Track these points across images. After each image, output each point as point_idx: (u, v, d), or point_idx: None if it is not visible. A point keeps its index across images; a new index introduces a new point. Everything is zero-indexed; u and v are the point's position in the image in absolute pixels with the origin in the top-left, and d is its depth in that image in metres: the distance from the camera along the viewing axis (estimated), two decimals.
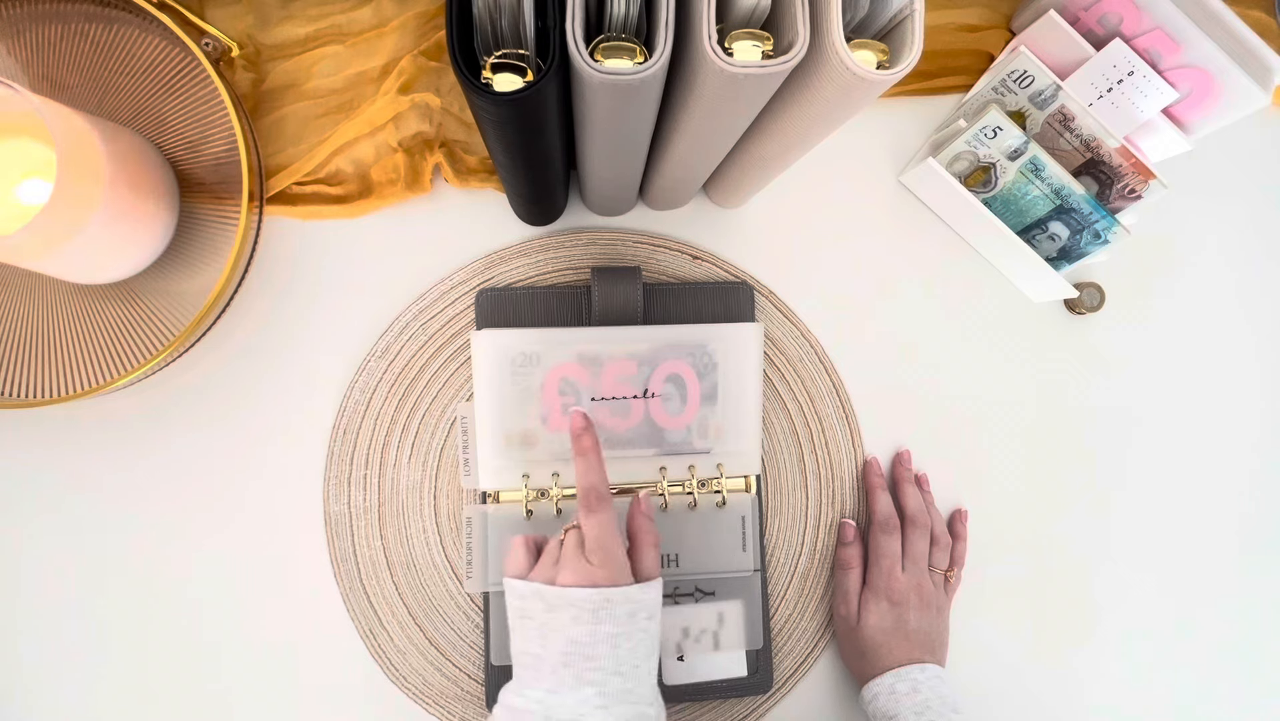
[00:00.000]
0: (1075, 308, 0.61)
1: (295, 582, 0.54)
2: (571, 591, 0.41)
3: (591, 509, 0.43)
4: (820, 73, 0.35)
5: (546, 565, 0.43)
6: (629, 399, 0.54)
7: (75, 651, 0.53)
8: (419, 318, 0.56)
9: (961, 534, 0.58)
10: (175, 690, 0.54)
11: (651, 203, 0.57)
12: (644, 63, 0.33)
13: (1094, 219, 0.55)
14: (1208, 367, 0.63)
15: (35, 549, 0.54)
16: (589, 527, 0.43)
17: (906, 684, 0.51)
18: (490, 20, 0.35)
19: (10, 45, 0.51)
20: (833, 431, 0.59)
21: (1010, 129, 0.55)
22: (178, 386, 0.55)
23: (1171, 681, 0.61)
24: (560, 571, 0.42)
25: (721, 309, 0.57)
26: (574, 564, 0.42)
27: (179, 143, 0.53)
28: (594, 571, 0.41)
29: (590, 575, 0.41)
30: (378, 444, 0.55)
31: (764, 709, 0.57)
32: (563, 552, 0.43)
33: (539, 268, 0.57)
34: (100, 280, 0.52)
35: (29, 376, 0.52)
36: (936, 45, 0.59)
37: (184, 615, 0.54)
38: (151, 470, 0.54)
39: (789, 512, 0.58)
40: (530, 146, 0.41)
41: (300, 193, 0.55)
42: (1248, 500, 0.63)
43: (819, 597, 0.58)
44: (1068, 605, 0.60)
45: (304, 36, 0.54)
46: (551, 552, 0.43)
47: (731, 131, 0.42)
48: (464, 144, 0.56)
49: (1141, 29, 0.53)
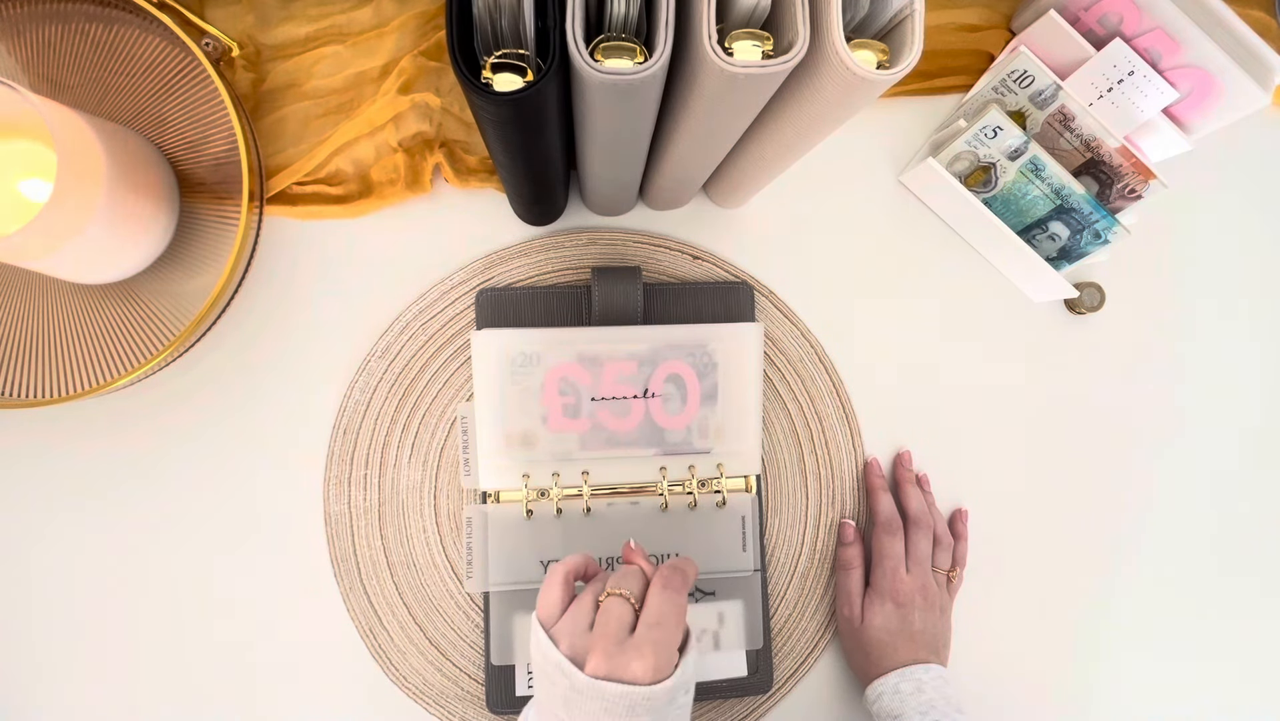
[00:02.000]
0: (1075, 307, 0.61)
1: (295, 582, 0.54)
2: (605, 686, 0.36)
3: (671, 586, 0.39)
4: (820, 73, 0.35)
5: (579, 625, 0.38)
6: (629, 399, 0.54)
7: (76, 650, 0.53)
8: (419, 318, 0.56)
9: (963, 534, 0.58)
10: (175, 689, 0.54)
11: (651, 203, 0.57)
12: (644, 63, 0.33)
13: (1094, 219, 0.55)
14: (1208, 367, 0.63)
15: (35, 548, 0.54)
16: (655, 604, 0.38)
17: (911, 683, 0.51)
18: (490, 20, 0.35)
19: (10, 45, 0.51)
20: (833, 431, 0.59)
21: (1010, 129, 0.55)
22: (178, 386, 0.55)
23: (1173, 680, 0.61)
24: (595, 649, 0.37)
25: (721, 309, 0.57)
26: (613, 648, 0.37)
27: (179, 143, 0.53)
28: (633, 666, 0.36)
29: (629, 670, 0.36)
30: (378, 444, 0.55)
31: (764, 709, 0.57)
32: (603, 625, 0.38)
33: (539, 268, 0.57)
34: (100, 280, 0.52)
35: (29, 376, 0.52)
36: (936, 45, 0.59)
37: (184, 614, 0.54)
38: (151, 470, 0.54)
39: (789, 512, 0.58)
40: (530, 146, 0.41)
41: (300, 193, 0.55)
42: (1248, 499, 0.63)
43: (819, 597, 0.58)
44: (1068, 605, 0.60)
45: (304, 36, 0.54)
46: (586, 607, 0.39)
47: (731, 131, 0.42)
48: (464, 144, 0.56)
49: (1141, 29, 0.53)
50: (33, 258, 0.45)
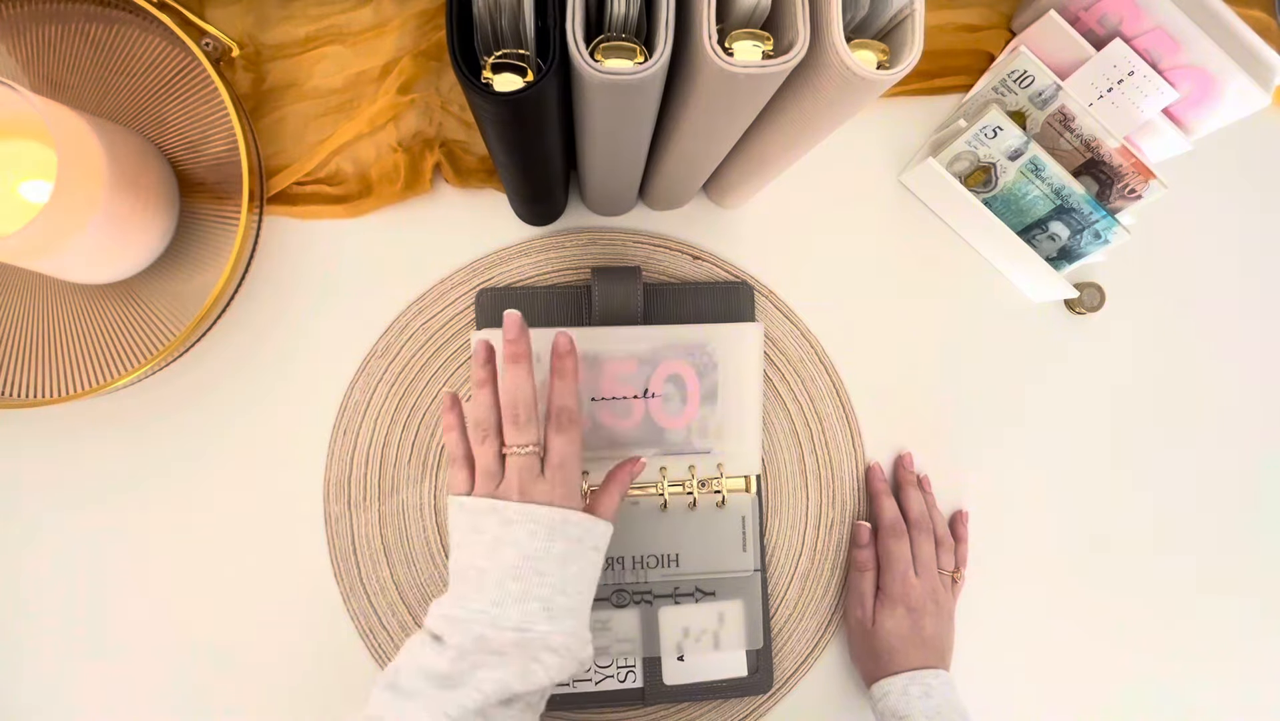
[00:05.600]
0: (1075, 307, 0.61)
1: (295, 582, 0.54)
2: (533, 507, 0.42)
3: (562, 428, 0.44)
4: (820, 73, 0.35)
5: (489, 483, 0.43)
6: (629, 399, 0.54)
7: (76, 649, 0.53)
8: (419, 317, 0.56)
9: (963, 535, 0.58)
10: (174, 689, 0.54)
11: (651, 203, 0.57)
12: (644, 63, 0.33)
13: (1094, 219, 0.55)
14: (1208, 367, 0.63)
15: (35, 548, 0.54)
16: (557, 445, 0.44)
17: (919, 687, 0.51)
18: (490, 20, 0.35)
19: (10, 45, 0.51)
20: (833, 431, 0.59)
21: (1010, 129, 0.55)
22: (178, 386, 0.54)
23: (1173, 680, 0.61)
24: (516, 489, 0.42)
25: (721, 309, 0.57)
26: (532, 482, 0.43)
27: (179, 143, 0.53)
28: (552, 491, 0.43)
29: (549, 494, 0.42)
30: (378, 444, 0.55)
31: (764, 709, 0.57)
32: (518, 474, 0.43)
33: (539, 268, 0.57)
34: (100, 280, 0.52)
35: (29, 376, 0.52)
36: (936, 45, 0.59)
37: (183, 614, 0.54)
38: (151, 470, 0.54)
39: (789, 512, 0.58)
40: (530, 146, 0.41)
41: (300, 192, 0.55)
42: (1249, 498, 0.63)
43: (819, 597, 0.58)
44: (1068, 605, 0.60)
45: (304, 36, 0.54)
46: (490, 470, 0.43)
47: (732, 131, 0.42)
48: (464, 144, 0.56)
49: (1141, 29, 0.53)
50: (33, 257, 0.45)
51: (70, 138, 0.42)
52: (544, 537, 0.41)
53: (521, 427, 0.43)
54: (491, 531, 0.42)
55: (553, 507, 0.42)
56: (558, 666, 0.40)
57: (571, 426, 0.44)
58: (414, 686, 0.39)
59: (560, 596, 0.41)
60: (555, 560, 0.41)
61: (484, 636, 0.40)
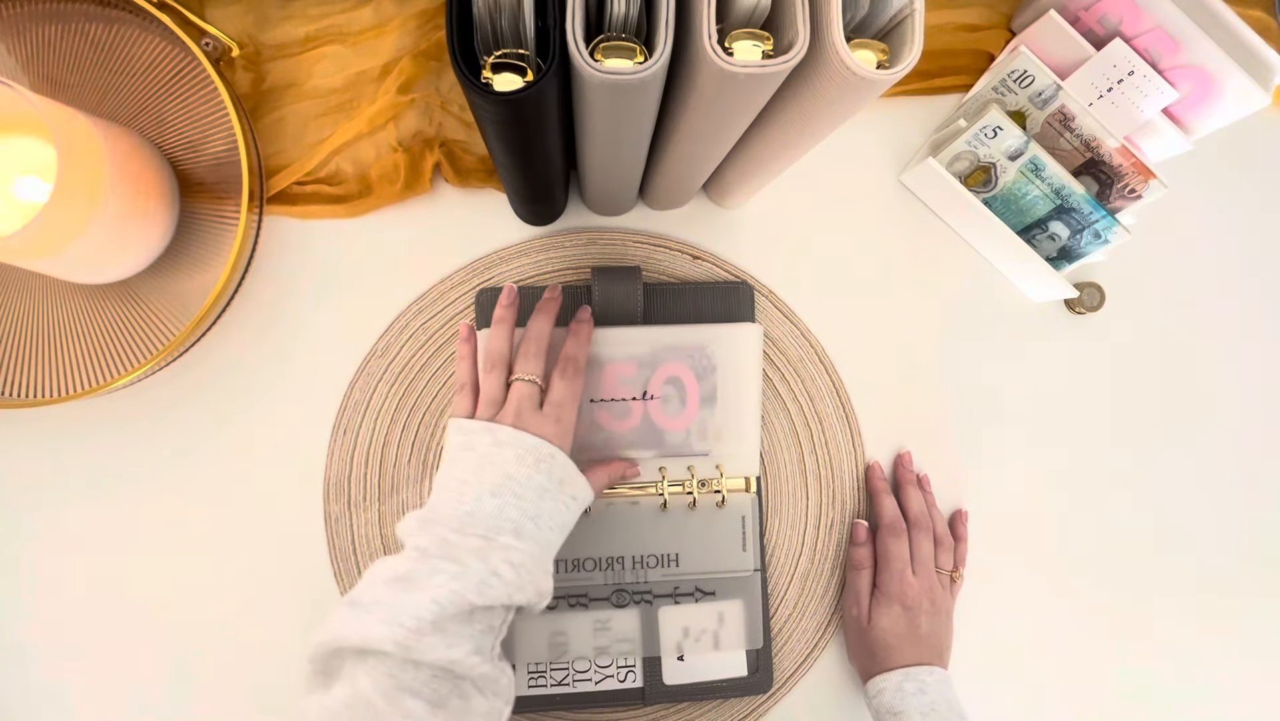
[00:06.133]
0: (1075, 307, 0.61)
1: (295, 582, 0.54)
2: (526, 435, 0.43)
3: (566, 375, 0.47)
4: (820, 72, 0.35)
5: (490, 409, 0.45)
6: (628, 400, 0.54)
7: (76, 649, 0.53)
8: (419, 317, 0.56)
9: (962, 535, 0.58)
10: (174, 689, 0.54)
11: (651, 203, 0.57)
12: (644, 63, 0.33)
13: (1094, 219, 0.55)
14: (1208, 367, 0.63)
15: (36, 548, 0.54)
16: (558, 389, 0.46)
17: (915, 684, 0.51)
18: (490, 20, 0.35)
19: (10, 45, 0.51)
20: (833, 431, 0.59)
21: (1010, 129, 0.55)
22: (178, 386, 0.54)
23: (1173, 680, 0.61)
24: (513, 414, 0.44)
25: (721, 309, 0.57)
26: (530, 413, 0.45)
27: (179, 143, 0.53)
28: (546, 425, 0.44)
29: (543, 428, 0.44)
30: (377, 443, 0.55)
31: (764, 709, 0.57)
32: (517, 402, 0.45)
33: (539, 268, 0.57)
34: (100, 280, 0.52)
35: (29, 376, 0.52)
36: (936, 45, 0.59)
37: (183, 614, 0.54)
38: (151, 470, 0.54)
39: (789, 513, 0.58)
40: (530, 146, 0.41)
41: (300, 192, 0.55)
42: (1248, 498, 0.63)
43: (819, 597, 0.58)
44: (1068, 605, 0.60)
45: (304, 36, 0.54)
46: (493, 398, 0.45)
47: (732, 131, 0.42)
48: (464, 144, 0.56)
49: (1141, 29, 0.53)
50: (33, 257, 0.45)
51: (71, 138, 0.42)
52: (529, 465, 0.43)
53: (530, 359, 0.46)
54: (482, 449, 0.43)
55: (544, 441, 0.43)
56: (515, 584, 0.40)
57: (576, 376, 0.47)
58: (372, 597, 0.39)
59: (530, 523, 0.42)
60: (534, 491, 0.43)
61: (448, 540, 0.40)
